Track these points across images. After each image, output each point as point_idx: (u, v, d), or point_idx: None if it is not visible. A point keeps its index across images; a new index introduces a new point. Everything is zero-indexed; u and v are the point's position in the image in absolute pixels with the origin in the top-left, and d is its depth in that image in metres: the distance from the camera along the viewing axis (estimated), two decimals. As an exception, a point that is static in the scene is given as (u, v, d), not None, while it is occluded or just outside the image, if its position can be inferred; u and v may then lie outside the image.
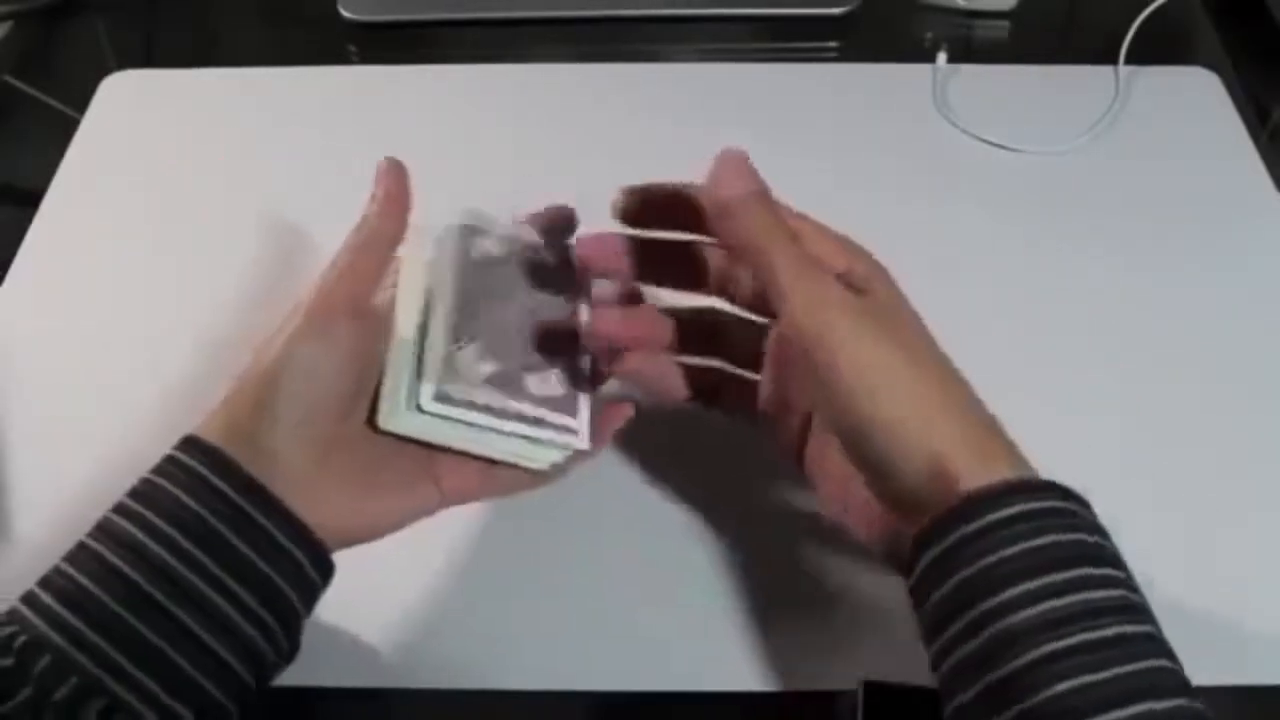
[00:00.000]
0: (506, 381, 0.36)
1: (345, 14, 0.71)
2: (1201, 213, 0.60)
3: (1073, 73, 0.67)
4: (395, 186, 0.39)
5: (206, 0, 0.75)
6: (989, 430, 0.36)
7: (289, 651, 0.37)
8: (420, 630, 0.45)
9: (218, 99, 0.66)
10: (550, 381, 0.37)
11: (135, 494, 0.35)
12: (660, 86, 0.67)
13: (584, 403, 0.38)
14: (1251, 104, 0.66)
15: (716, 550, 0.47)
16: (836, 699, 0.42)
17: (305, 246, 0.57)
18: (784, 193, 0.60)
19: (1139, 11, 0.67)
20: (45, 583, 0.34)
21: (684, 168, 0.61)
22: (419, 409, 0.37)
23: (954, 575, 0.33)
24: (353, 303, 0.38)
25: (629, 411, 0.42)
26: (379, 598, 0.46)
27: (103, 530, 0.35)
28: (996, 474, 0.34)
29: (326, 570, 0.38)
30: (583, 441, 0.37)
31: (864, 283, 0.38)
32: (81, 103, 0.66)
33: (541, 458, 0.39)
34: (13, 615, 0.33)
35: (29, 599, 0.33)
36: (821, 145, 0.63)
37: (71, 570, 0.34)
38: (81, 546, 0.34)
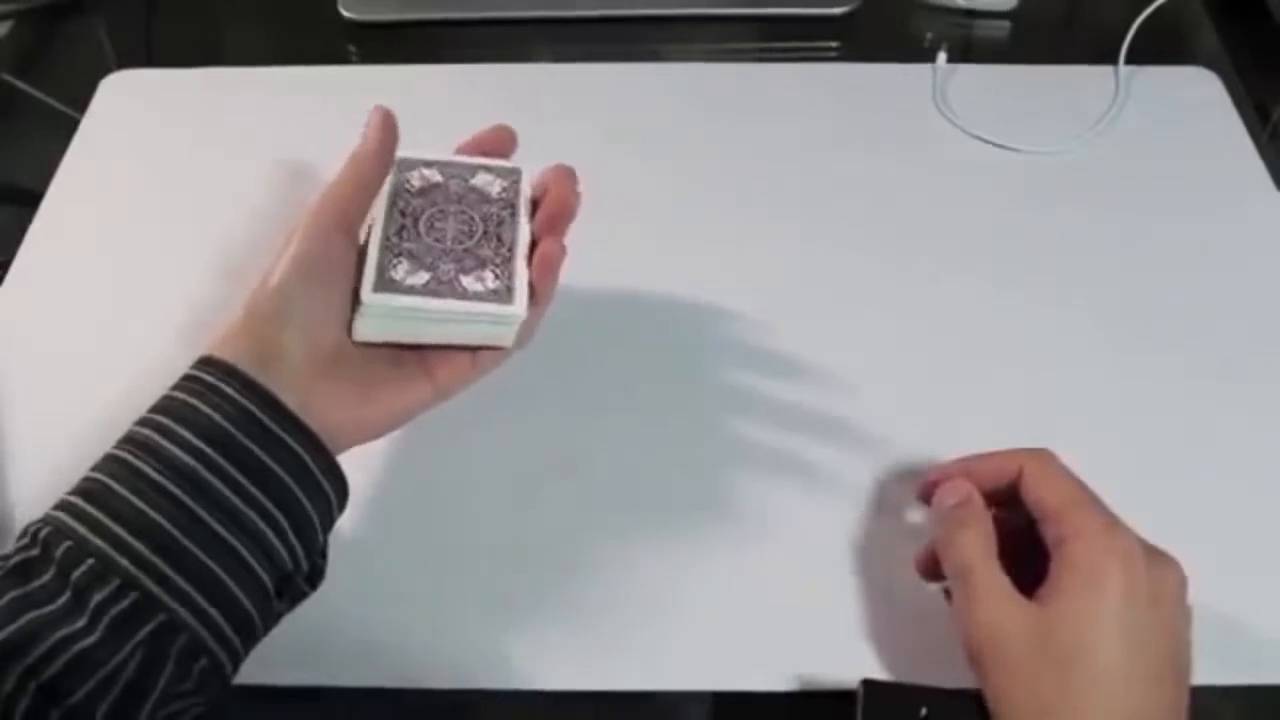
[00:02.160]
0: (439, 285, 0.41)
1: (345, 14, 0.71)
2: (1202, 212, 0.60)
3: (1073, 73, 0.67)
4: (383, 130, 0.44)
5: (206, 0, 0.75)
6: None
7: (310, 574, 0.39)
8: (421, 630, 0.45)
9: (218, 98, 0.66)
10: (486, 279, 0.41)
11: (157, 409, 0.37)
12: (660, 86, 0.67)
13: (520, 285, 0.42)
14: (1251, 104, 0.66)
15: (716, 551, 0.47)
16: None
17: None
18: (784, 193, 0.61)
19: (1139, 11, 0.67)
20: (74, 487, 0.36)
21: (683, 167, 0.62)
22: (365, 317, 0.41)
23: None
24: (341, 219, 0.41)
25: (552, 254, 0.43)
26: (379, 598, 0.46)
27: (126, 439, 0.37)
28: None
29: (343, 493, 0.39)
30: (520, 311, 0.41)
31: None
32: (81, 103, 0.66)
33: (499, 336, 0.42)
34: (46, 516, 0.36)
35: (59, 502, 0.36)
36: (821, 145, 0.63)
37: (93, 473, 0.36)
38: (106, 455, 0.37)
